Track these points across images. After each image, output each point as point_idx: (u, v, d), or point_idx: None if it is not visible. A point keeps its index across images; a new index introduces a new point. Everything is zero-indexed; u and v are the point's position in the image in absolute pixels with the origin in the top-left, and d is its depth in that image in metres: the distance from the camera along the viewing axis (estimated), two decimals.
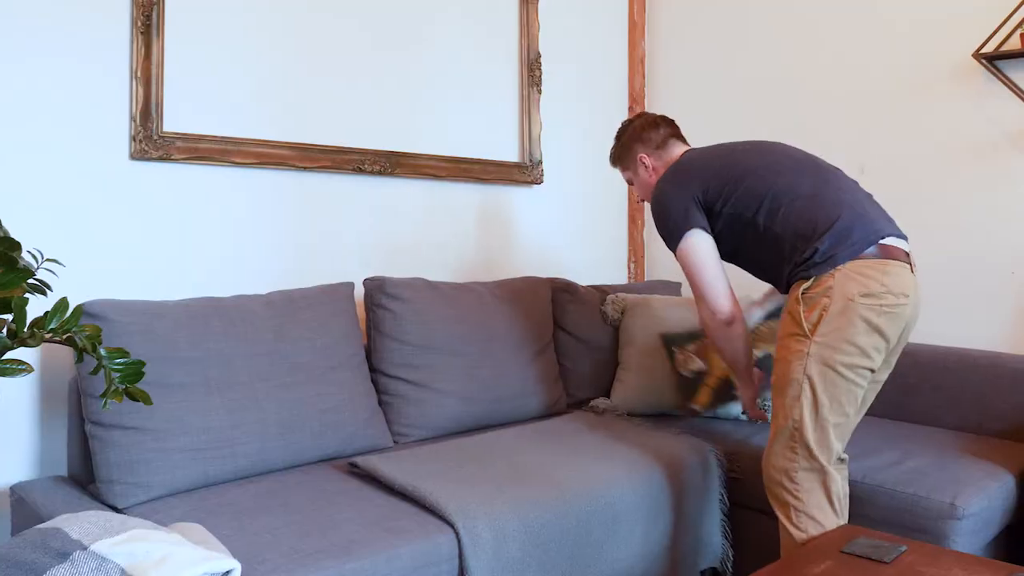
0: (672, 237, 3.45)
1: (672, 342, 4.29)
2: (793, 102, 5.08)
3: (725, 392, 4.18)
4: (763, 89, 5.21)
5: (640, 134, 3.79)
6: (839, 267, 3.08)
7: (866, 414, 4.41)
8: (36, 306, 3.30)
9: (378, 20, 4.35)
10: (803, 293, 3.12)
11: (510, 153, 5.00)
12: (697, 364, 4.20)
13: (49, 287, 2.40)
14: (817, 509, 3.09)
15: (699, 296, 3.45)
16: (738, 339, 3.47)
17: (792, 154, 3.41)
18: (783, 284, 3.31)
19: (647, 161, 3.76)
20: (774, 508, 3.19)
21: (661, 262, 5.76)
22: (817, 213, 3.19)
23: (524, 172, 5.01)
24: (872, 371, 3.11)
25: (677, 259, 3.47)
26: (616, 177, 5.65)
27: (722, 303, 3.40)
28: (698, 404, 4.20)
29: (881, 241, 3.12)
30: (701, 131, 5.45)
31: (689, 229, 3.39)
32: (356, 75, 4.28)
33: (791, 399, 3.10)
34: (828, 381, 3.07)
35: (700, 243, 3.40)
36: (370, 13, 4.31)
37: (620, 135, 3.89)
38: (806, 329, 3.08)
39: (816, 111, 4.98)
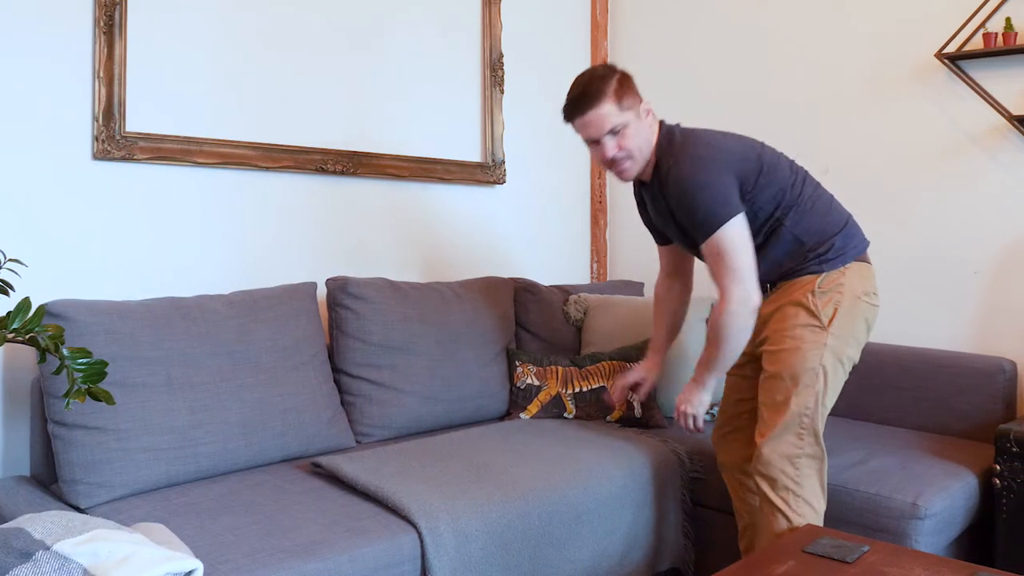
0: (715, 218, 3.12)
1: (516, 357, 4.38)
2: (757, 103, 5.10)
3: (551, 406, 4.28)
4: (726, 90, 5.24)
5: (632, 81, 3.31)
6: (848, 265, 3.23)
7: (828, 414, 4.44)
8: None
9: (341, 20, 4.35)
10: (819, 286, 3.20)
11: (472, 153, 5.01)
12: (531, 380, 4.32)
13: (12, 287, 2.40)
14: (812, 495, 3.16)
15: (735, 280, 3.14)
16: (750, 332, 3.26)
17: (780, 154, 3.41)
18: (775, 278, 3.32)
19: (652, 115, 3.33)
20: (769, 495, 3.18)
21: (623, 262, 5.78)
22: (831, 212, 3.29)
23: (486, 172, 5.02)
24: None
25: (712, 242, 3.14)
26: (579, 176, 5.67)
27: (756, 290, 3.16)
28: (527, 414, 4.27)
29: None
30: None
31: (736, 214, 3.13)
32: (319, 75, 4.29)
33: (804, 387, 3.15)
34: (835, 373, 3.18)
35: (744, 228, 3.16)
36: (333, 13, 4.32)
37: (608, 73, 3.25)
38: (823, 321, 3.16)
39: (780, 112, 5.01)
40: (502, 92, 5.09)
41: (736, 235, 3.14)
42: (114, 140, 3.59)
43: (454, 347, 4.18)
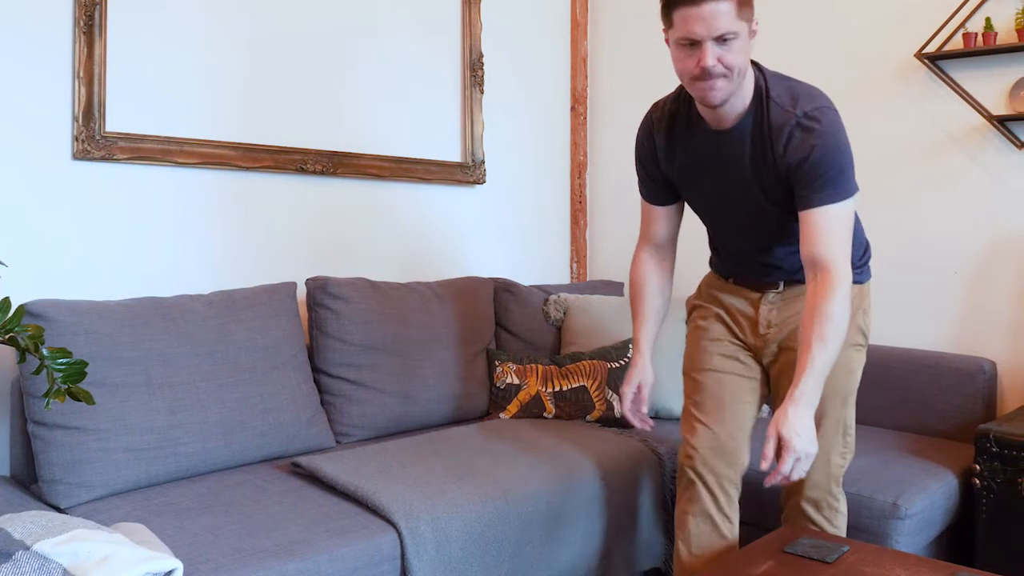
0: (851, 184, 2.78)
1: (496, 357, 4.37)
2: None
3: (531, 406, 4.27)
4: None
5: None
6: (870, 279, 3.23)
7: None
8: None
9: (321, 20, 4.35)
10: (862, 303, 3.10)
11: (452, 153, 5.02)
12: (511, 379, 4.30)
13: None
14: (844, 507, 3.15)
15: (846, 256, 2.77)
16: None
17: None
18: (793, 277, 3.08)
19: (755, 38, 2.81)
20: (814, 517, 3.09)
21: (603, 262, 5.79)
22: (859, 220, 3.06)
23: (466, 172, 5.03)
24: None
25: (838, 209, 2.76)
26: (559, 176, 5.68)
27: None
28: (506, 414, 4.28)
29: None
30: None
31: (855, 188, 2.81)
32: (299, 75, 4.29)
33: (850, 407, 3.10)
34: None
35: (852, 201, 2.81)
36: (313, 13, 4.32)
37: None
38: (867, 341, 3.16)
39: None
40: (482, 92, 5.10)
41: (852, 211, 2.83)
42: (94, 140, 3.59)
43: (434, 347, 4.18)
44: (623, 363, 4.27)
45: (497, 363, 4.33)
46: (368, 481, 3.10)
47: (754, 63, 2.88)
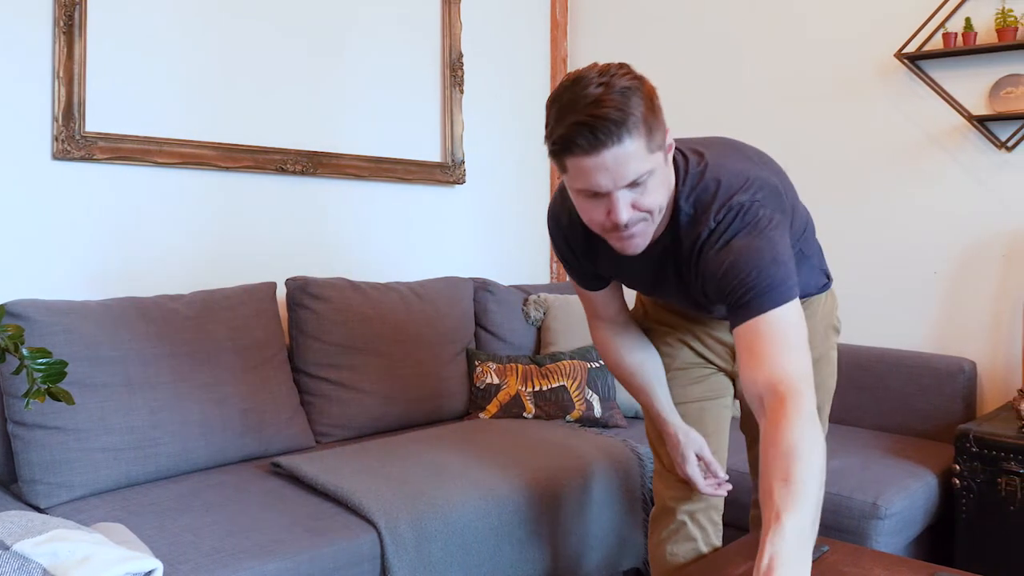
0: (782, 294, 2.20)
1: (476, 357, 4.39)
2: (717, 103, 5.14)
3: (511, 406, 4.28)
4: (685, 91, 5.26)
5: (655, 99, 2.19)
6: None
7: None
8: None
9: (302, 20, 4.36)
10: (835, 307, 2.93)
11: (432, 153, 5.02)
12: (491, 379, 4.32)
13: None
14: None
15: (799, 361, 2.15)
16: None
17: None
18: None
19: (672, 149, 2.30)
20: None
21: None
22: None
23: (446, 172, 5.03)
24: None
25: (770, 318, 2.18)
26: (538, 176, 5.69)
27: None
28: (486, 414, 4.29)
29: None
30: None
31: (795, 286, 2.24)
32: (279, 75, 4.29)
33: (830, 408, 3.01)
34: None
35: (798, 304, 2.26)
36: (294, 13, 4.32)
37: (632, 86, 2.08)
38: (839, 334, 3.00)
39: (740, 112, 5.04)
40: (462, 92, 5.10)
41: (799, 312, 2.23)
42: (74, 140, 3.58)
43: (414, 347, 4.19)
44: (603, 363, 4.28)
45: (477, 363, 4.34)
46: (348, 481, 3.10)
47: (679, 148, 2.40)
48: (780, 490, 1.95)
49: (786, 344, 2.15)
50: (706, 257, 2.29)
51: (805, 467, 1.96)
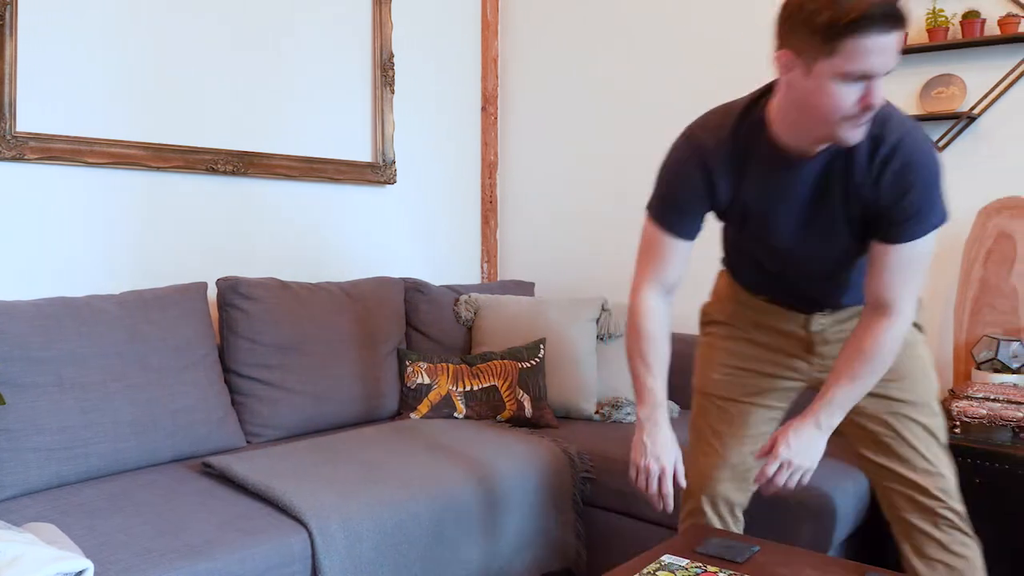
0: (941, 218, 2.48)
1: (406, 357, 4.41)
2: (647, 103, 5.18)
3: (442, 406, 4.32)
4: (616, 90, 5.31)
5: None
6: None
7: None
8: None
9: (232, 20, 4.36)
10: None
11: (363, 153, 5.03)
12: (422, 379, 4.34)
13: None
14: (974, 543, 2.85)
15: (914, 294, 2.60)
16: None
17: None
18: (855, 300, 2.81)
19: None
20: (966, 530, 2.80)
21: (514, 262, 5.85)
22: None
23: (377, 172, 5.04)
24: None
25: (920, 244, 2.50)
26: (469, 177, 5.74)
27: None
28: (417, 414, 4.31)
29: None
30: (553, 134, 5.57)
31: (946, 217, 2.52)
32: (209, 74, 4.29)
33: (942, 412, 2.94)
34: None
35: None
36: (224, 13, 4.32)
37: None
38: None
39: (670, 111, 5.04)
40: (393, 92, 5.12)
41: (933, 244, 2.54)
42: (4, 140, 3.56)
43: (345, 347, 4.21)
44: (534, 363, 4.31)
45: (408, 363, 4.35)
46: (279, 481, 3.11)
47: None
48: (846, 379, 2.60)
49: (911, 272, 2.52)
50: (888, 170, 2.44)
51: (872, 370, 2.58)
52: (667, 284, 2.79)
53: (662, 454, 2.73)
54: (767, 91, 2.61)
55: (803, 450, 2.61)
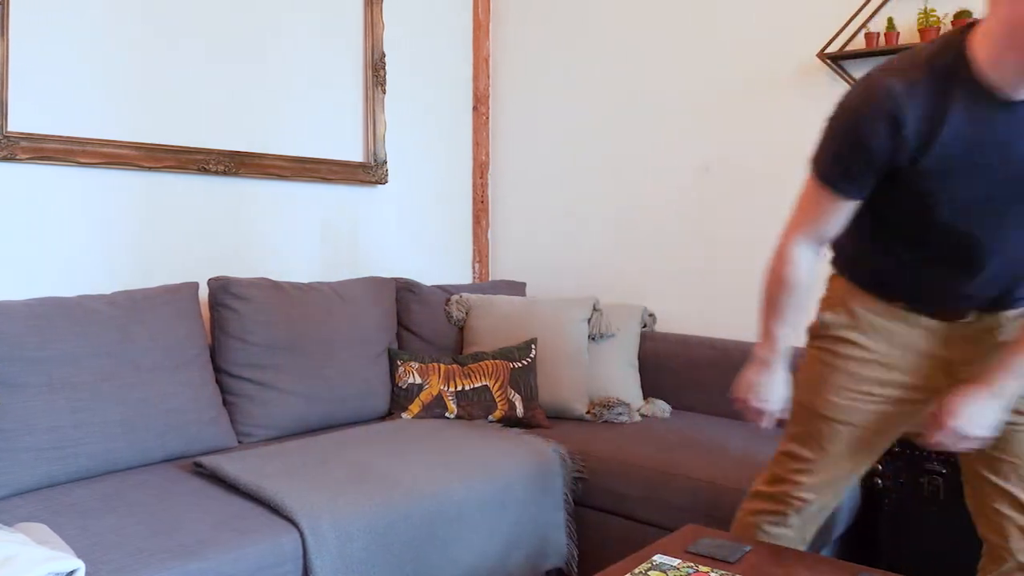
0: None
1: (398, 357, 4.41)
2: (639, 103, 5.17)
3: (433, 406, 4.32)
4: (607, 91, 5.31)
5: None
6: None
7: (692, 411, 4.58)
8: None
9: (223, 19, 4.36)
10: None
11: (355, 153, 5.04)
12: (414, 379, 4.34)
13: None
14: None
15: None
16: None
17: None
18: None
19: None
20: None
21: (505, 262, 5.85)
22: None
23: (369, 172, 5.05)
24: None
25: None
26: (461, 177, 5.74)
27: None
28: (408, 414, 4.31)
29: None
30: (545, 134, 5.57)
31: None
32: (202, 75, 4.29)
33: None
34: None
35: None
36: (217, 13, 4.32)
37: None
38: None
39: (662, 112, 5.06)
40: (384, 92, 5.12)
41: None
42: None
43: (336, 347, 4.21)
44: (525, 363, 4.32)
45: (399, 363, 4.36)
46: (270, 481, 3.12)
47: None
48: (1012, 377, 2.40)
49: None
50: None
51: None
52: (824, 239, 2.61)
53: (770, 398, 2.72)
54: (967, 28, 2.22)
55: (974, 418, 2.39)
